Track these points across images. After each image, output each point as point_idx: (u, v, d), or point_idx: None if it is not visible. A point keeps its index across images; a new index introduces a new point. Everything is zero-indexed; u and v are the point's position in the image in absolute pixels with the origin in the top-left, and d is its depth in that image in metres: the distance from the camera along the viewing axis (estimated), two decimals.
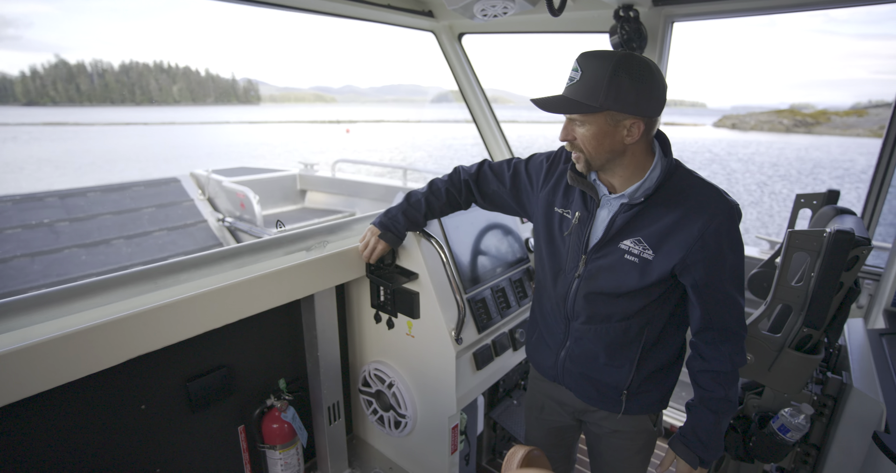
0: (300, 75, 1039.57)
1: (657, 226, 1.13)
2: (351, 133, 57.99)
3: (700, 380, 1.22)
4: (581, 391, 1.36)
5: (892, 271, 1.84)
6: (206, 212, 5.58)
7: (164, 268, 1.33)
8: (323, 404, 1.79)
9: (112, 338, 1.15)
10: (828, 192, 1.72)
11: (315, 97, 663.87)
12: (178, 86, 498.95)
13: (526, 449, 0.60)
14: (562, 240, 1.29)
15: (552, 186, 1.33)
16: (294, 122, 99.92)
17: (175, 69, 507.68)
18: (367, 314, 1.84)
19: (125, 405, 1.40)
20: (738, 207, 1.13)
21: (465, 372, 1.62)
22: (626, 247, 1.17)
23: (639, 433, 1.36)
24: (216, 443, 1.65)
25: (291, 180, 6.16)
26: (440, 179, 1.55)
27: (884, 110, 32.76)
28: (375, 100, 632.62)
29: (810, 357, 1.24)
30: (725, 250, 1.11)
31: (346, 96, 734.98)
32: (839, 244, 1.12)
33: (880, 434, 1.15)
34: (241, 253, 1.48)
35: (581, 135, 1.11)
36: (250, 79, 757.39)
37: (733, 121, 77.21)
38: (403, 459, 1.93)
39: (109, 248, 4.80)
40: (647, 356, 1.26)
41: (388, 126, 77.78)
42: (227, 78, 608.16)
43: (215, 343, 1.57)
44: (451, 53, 2.72)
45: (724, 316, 1.16)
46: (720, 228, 1.09)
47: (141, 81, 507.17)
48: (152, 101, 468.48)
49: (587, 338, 1.29)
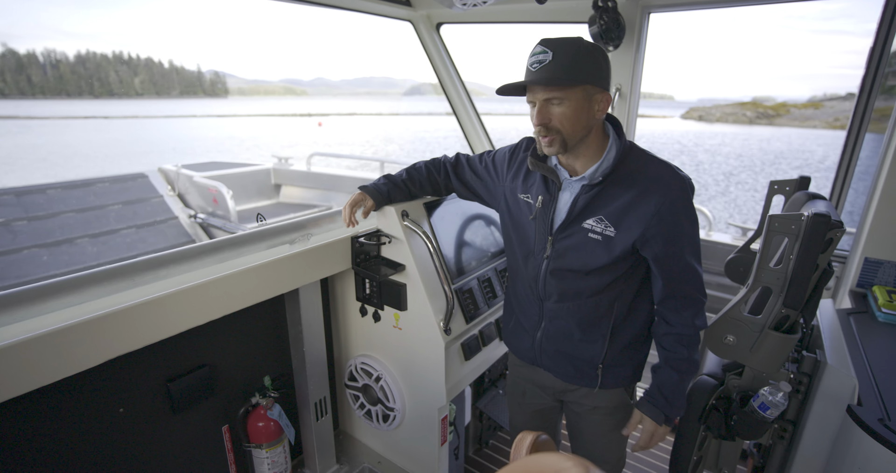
0: (269, 67, 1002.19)
1: (617, 204, 1.20)
2: (323, 126, 57.05)
3: (664, 342, 1.31)
4: (558, 370, 1.41)
5: (856, 254, 1.93)
6: (176, 208, 5.39)
7: (143, 264, 1.27)
8: (310, 400, 1.76)
9: (87, 339, 1.08)
10: (800, 178, 1.78)
11: (285, 90, 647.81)
12: (141, 78, 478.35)
13: (533, 435, 0.59)
14: (528, 224, 1.35)
15: (514, 174, 1.40)
16: (264, 115, 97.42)
17: (136, 60, 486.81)
18: (352, 307, 1.82)
19: (102, 410, 1.34)
20: (691, 181, 1.21)
21: (454, 363, 1.62)
22: (590, 226, 1.23)
23: (617, 408, 1.43)
24: (199, 445, 1.61)
25: (265, 174, 6.01)
26: (420, 161, 1.62)
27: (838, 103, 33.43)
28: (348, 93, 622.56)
29: (789, 337, 1.29)
30: (682, 222, 1.19)
31: (318, 89, 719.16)
32: (817, 227, 1.16)
33: (854, 407, 1.20)
34: (223, 247, 1.43)
35: (559, 115, 1.16)
36: (217, 71, 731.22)
37: (700, 113, 79.47)
38: (392, 453, 1.93)
39: (73, 247, 4.59)
40: (618, 331, 1.34)
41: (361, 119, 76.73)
42: (192, 70, 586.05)
43: (197, 341, 1.52)
44: (430, 44, 2.69)
45: (685, 285, 1.25)
46: (675, 201, 1.17)
47: (99, 72, 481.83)
48: (113, 93, 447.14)
49: (560, 316, 1.35)
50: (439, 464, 1.75)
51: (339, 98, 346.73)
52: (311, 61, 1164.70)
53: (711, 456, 1.72)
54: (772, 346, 1.35)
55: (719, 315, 1.41)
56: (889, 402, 1.21)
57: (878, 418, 1.15)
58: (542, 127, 1.17)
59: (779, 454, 1.62)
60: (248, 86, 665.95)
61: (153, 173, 5.66)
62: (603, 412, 1.45)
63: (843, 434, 1.29)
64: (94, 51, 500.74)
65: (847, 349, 1.45)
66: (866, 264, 1.92)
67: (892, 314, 1.66)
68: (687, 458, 1.56)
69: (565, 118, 1.15)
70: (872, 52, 1.88)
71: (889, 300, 1.72)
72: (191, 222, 5.28)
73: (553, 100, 1.15)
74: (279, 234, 1.58)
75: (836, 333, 1.58)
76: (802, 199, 1.67)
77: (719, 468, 1.71)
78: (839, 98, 75.55)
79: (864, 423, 1.15)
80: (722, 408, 1.59)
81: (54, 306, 1.14)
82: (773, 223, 1.25)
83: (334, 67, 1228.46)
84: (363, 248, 1.62)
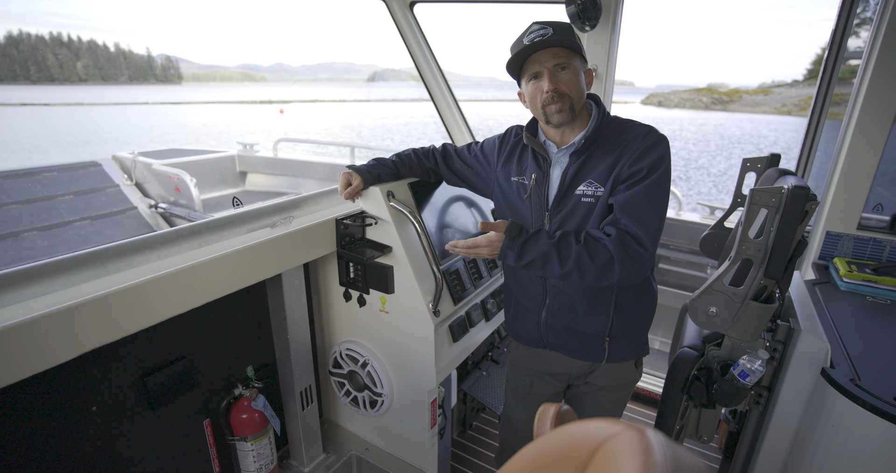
0: (226, 52, 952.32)
1: (603, 165, 1.25)
2: (285, 114, 55.27)
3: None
4: (566, 347, 1.43)
5: (818, 227, 2.04)
6: (134, 198, 5.11)
7: (114, 250, 1.18)
8: (295, 389, 1.71)
9: (54, 333, 0.99)
10: (771, 155, 1.84)
11: (243, 76, 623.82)
12: (84, 62, 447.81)
13: (556, 406, 0.58)
14: (524, 204, 1.37)
15: (506, 159, 1.44)
16: (222, 102, 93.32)
17: (78, 43, 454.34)
18: (335, 292, 1.77)
19: (72, 409, 1.25)
20: (667, 139, 1.27)
21: (443, 345, 1.61)
22: (581, 191, 1.27)
23: (623, 385, 1.48)
24: (179, 441, 1.54)
25: (230, 161, 5.77)
26: (409, 149, 1.62)
27: (784, 90, 34.80)
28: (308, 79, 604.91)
29: (768, 306, 1.34)
30: (647, 167, 1.21)
31: (278, 75, 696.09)
32: (797, 199, 1.21)
33: (827, 370, 1.27)
34: (201, 231, 1.35)
35: (567, 80, 1.22)
36: (169, 55, 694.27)
37: (659, 98, 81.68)
38: (380, 439, 1.91)
39: (20, 241, 4.28)
40: (621, 301, 1.37)
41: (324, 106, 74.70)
42: (141, 54, 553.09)
43: (175, 333, 1.44)
44: (404, 24, 2.61)
45: (631, 219, 1.19)
46: (647, 149, 1.22)
47: (35, 55, 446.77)
48: (52, 79, 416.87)
49: (564, 291, 1.37)
50: (429, 447, 1.74)
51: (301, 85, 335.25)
52: (270, 46, 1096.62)
53: (692, 425, 1.79)
54: (752, 316, 1.40)
55: (702, 288, 1.45)
56: (858, 364, 1.28)
57: (849, 378, 1.22)
58: (553, 92, 1.21)
59: (754, 418, 1.70)
60: (203, 72, 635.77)
61: (107, 162, 5.33)
62: (610, 390, 1.49)
63: (817, 396, 1.36)
64: (28, 31, 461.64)
65: (817, 317, 1.53)
66: (828, 238, 2.02)
67: (852, 282, 1.76)
68: (671, 427, 1.62)
69: (572, 84, 1.23)
70: (832, 38, 1.97)
71: (849, 270, 1.82)
72: (151, 213, 5.02)
73: (561, 65, 1.21)
74: (259, 217, 1.51)
75: (806, 302, 1.67)
76: (774, 175, 1.73)
77: (699, 435, 1.79)
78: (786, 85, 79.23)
79: (837, 384, 1.21)
80: (703, 378, 1.65)
81: (15, 297, 1.04)
82: (754, 197, 1.28)
83: (295, 51, 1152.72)
84: (348, 230, 1.57)
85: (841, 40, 1.96)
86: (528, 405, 1.59)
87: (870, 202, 1.98)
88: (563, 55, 1.21)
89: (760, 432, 1.65)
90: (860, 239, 1.98)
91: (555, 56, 1.21)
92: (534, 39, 1.19)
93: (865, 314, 1.59)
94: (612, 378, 1.45)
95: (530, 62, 1.24)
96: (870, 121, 1.82)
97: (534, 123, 1.39)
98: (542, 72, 1.23)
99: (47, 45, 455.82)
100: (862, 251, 2.01)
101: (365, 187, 1.51)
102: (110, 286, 1.08)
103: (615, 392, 1.48)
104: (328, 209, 1.69)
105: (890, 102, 1.75)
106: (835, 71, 2.01)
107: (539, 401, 1.57)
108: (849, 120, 1.90)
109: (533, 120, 1.39)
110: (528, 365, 1.56)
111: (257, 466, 1.65)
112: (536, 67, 1.23)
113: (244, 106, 78.75)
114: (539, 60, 1.22)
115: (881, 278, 1.77)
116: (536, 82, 1.25)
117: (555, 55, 1.21)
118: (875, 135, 1.83)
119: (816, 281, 1.86)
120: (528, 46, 1.20)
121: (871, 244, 1.98)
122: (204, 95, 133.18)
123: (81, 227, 4.63)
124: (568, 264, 1.18)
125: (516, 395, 1.61)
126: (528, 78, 1.26)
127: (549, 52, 1.21)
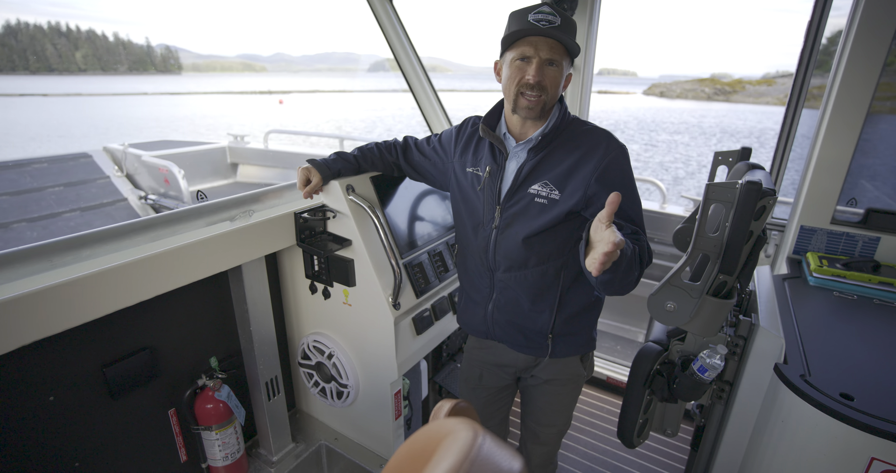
0: (226, 42, 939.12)
1: (560, 168, 1.25)
2: (284, 104, 55.01)
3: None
4: (511, 340, 1.44)
5: (793, 222, 2.03)
6: (125, 190, 5.11)
7: (63, 243, 1.18)
8: (260, 380, 1.73)
9: (7, 319, 1.00)
10: (742, 149, 1.83)
11: (243, 66, 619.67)
12: (83, 52, 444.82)
13: (453, 401, 0.59)
14: (476, 195, 1.37)
15: (462, 149, 1.43)
16: (221, 93, 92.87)
17: (76, 33, 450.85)
18: (301, 285, 1.77)
19: (29, 398, 1.26)
20: (626, 147, 1.29)
21: (404, 338, 1.62)
22: (535, 191, 1.27)
23: (570, 379, 1.48)
24: (144, 430, 1.55)
25: (221, 152, 5.76)
26: (372, 142, 1.61)
27: (788, 80, 35.22)
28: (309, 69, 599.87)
29: (725, 302, 1.34)
30: (619, 181, 1.23)
31: (278, 65, 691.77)
32: (749, 194, 1.20)
33: (780, 365, 1.27)
34: (156, 225, 1.35)
35: (551, 77, 1.21)
36: (169, 45, 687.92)
37: (661, 89, 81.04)
38: (348, 429, 1.93)
39: (9, 232, 4.29)
40: (565, 300, 1.37)
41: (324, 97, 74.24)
42: (140, 44, 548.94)
43: (135, 324, 1.45)
44: (383, 14, 2.59)
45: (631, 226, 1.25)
46: (612, 162, 1.23)
47: (34, 45, 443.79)
48: (52, 69, 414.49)
49: (510, 286, 1.37)
50: (394, 438, 1.76)
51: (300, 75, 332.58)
52: (271, 35, 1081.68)
53: (657, 419, 1.80)
54: (710, 311, 1.40)
55: (661, 284, 1.45)
56: (812, 359, 1.28)
57: (800, 374, 1.22)
58: (536, 84, 1.20)
59: (717, 413, 1.71)
60: (203, 62, 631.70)
61: (98, 153, 5.33)
62: (557, 384, 1.50)
63: (770, 391, 1.36)
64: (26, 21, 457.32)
65: (779, 312, 1.53)
66: (802, 232, 2.01)
67: (821, 277, 1.75)
68: (633, 421, 1.63)
69: (555, 82, 1.21)
70: (808, 29, 1.95)
71: (819, 265, 1.81)
72: (141, 204, 5.02)
73: (552, 61, 1.19)
74: (219, 210, 1.51)
75: (770, 297, 1.66)
76: (743, 169, 1.72)
77: (664, 429, 1.80)
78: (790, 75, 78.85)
79: (786, 379, 1.21)
80: (665, 373, 1.66)
81: None
82: (709, 192, 1.28)
83: (295, 41, 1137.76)
84: (307, 223, 1.57)
85: (817, 31, 1.94)
86: (479, 395, 1.61)
87: (846, 196, 1.96)
88: (559, 52, 1.19)
89: (722, 426, 1.66)
90: (833, 233, 1.97)
91: (551, 50, 1.18)
92: (540, 22, 1.16)
93: (830, 309, 1.59)
94: (557, 373, 1.46)
95: (525, 42, 1.19)
96: (844, 112, 1.80)
97: (492, 115, 1.37)
98: (532, 58, 1.19)
99: (46, 34, 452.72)
100: (835, 246, 2.00)
101: (324, 183, 1.50)
102: (62, 277, 1.09)
103: (561, 386, 1.49)
104: (291, 203, 1.69)
105: (864, 93, 1.73)
106: (811, 62, 1.98)
107: (489, 393, 1.58)
108: (823, 111, 1.88)
109: (491, 112, 1.37)
110: (478, 356, 1.57)
111: (223, 455, 1.67)
112: (529, 50, 1.19)
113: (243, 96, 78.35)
114: (535, 45, 1.18)
115: (850, 273, 1.77)
116: (522, 65, 1.21)
117: (552, 49, 1.18)
118: (849, 127, 1.81)
119: (787, 276, 1.86)
120: (531, 28, 1.16)
121: (844, 239, 1.97)
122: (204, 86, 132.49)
123: (71, 218, 4.64)
124: (637, 267, 1.22)
125: (468, 385, 1.64)
126: (517, 56, 1.21)
127: (548, 43, 1.18)
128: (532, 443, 1.63)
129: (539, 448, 1.63)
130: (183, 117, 36.47)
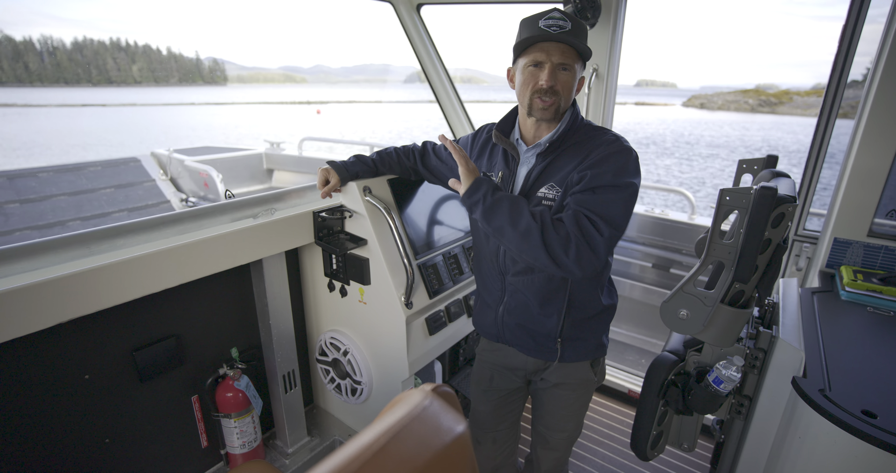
0: (268, 55, 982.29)
1: (565, 170, 1.25)
2: (322, 114, 56.69)
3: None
4: (521, 344, 1.45)
5: (826, 234, 1.94)
6: (168, 192, 5.41)
7: (100, 233, 1.29)
8: (277, 372, 1.79)
9: (48, 298, 1.11)
10: (767, 157, 1.78)
11: (285, 77, 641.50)
12: (139, 65, 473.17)
13: (435, 385, 0.62)
14: None
15: (477, 154, 1.46)
16: (263, 103, 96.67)
17: (134, 47, 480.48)
18: (320, 283, 1.84)
19: (68, 374, 1.37)
20: (633, 150, 1.25)
21: (417, 337, 1.65)
22: (543, 194, 1.28)
23: (580, 384, 1.47)
24: (169, 413, 1.64)
25: (258, 158, 6.01)
26: (391, 147, 1.67)
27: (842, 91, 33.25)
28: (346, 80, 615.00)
29: (741, 311, 1.30)
30: (608, 171, 1.18)
31: (317, 76, 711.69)
32: (763, 200, 1.17)
33: (798, 379, 1.23)
34: (184, 219, 1.44)
35: (563, 81, 1.23)
36: (216, 58, 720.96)
37: (702, 101, 78.71)
38: (362, 425, 1.96)
39: (65, 230, 4.62)
40: (573, 305, 1.37)
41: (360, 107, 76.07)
42: (190, 57, 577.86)
43: (163, 312, 1.54)
44: (411, 26, 2.67)
45: (590, 212, 1.16)
46: (609, 155, 1.20)
47: (97, 59, 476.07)
48: (111, 81, 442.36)
49: (520, 290, 1.38)
50: None
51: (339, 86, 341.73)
52: (311, 48, 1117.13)
53: (674, 432, 1.75)
54: (724, 320, 1.37)
55: (674, 290, 1.42)
56: (834, 374, 1.23)
57: (818, 388, 1.17)
58: (549, 89, 1.22)
59: (736, 428, 1.65)
60: (247, 73, 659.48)
61: (146, 158, 5.67)
62: (566, 388, 1.49)
63: (789, 406, 1.31)
64: (91, 37, 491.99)
65: (802, 325, 1.47)
66: (835, 245, 1.93)
67: (854, 292, 1.68)
68: (646, 432, 1.59)
69: (568, 86, 1.23)
70: (842, 37, 1.89)
71: (853, 279, 1.73)
72: (182, 206, 5.30)
73: (564, 65, 1.21)
74: (244, 207, 1.59)
75: (795, 310, 1.60)
76: (767, 177, 1.67)
77: (680, 442, 1.75)
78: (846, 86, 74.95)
79: (804, 393, 1.17)
80: (680, 384, 1.62)
81: (26, 266, 1.18)
82: (723, 198, 1.25)
83: (334, 53, 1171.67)
84: (325, 222, 1.63)
85: (850, 40, 1.88)
86: (490, 397, 1.61)
87: (885, 208, 1.88)
88: (571, 56, 1.20)
89: (741, 443, 1.60)
90: (871, 247, 1.88)
91: (563, 54, 1.20)
92: (550, 27, 1.18)
93: (861, 325, 1.52)
94: (566, 377, 1.45)
95: (537, 48, 1.21)
96: (881, 121, 1.74)
97: (506, 122, 1.40)
98: (545, 64, 1.21)
99: (107, 49, 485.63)
100: (873, 260, 1.90)
101: (342, 184, 1.56)
102: (97, 262, 1.20)
103: (571, 390, 1.48)
104: (312, 203, 1.76)
105: None
106: (844, 71, 1.92)
107: (500, 395, 1.58)
108: (858, 120, 1.81)
109: (505, 119, 1.40)
110: (489, 358, 1.58)
111: (241, 442, 1.74)
112: (542, 56, 1.21)
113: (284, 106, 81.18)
114: (547, 50, 1.20)
115: (887, 289, 1.68)
116: (535, 70, 1.23)
117: (563, 53, 1.20)
118: (886, 136, 1.74)
119: (817, 289, 1.78)
120: (542, 34, 1.18)
121: (883, 252, 1.88)
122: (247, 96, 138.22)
123: (119, 218, 4.95)
124: (522, 222, 1.15)
125: (479, 387, 1.64)
126: (529, 63, 1.23)
127: (559, 48, 1.19)
128: (542, 448, 1.62)
129: (549, 453, 1.62)
130: (226, 124, 38.18)
